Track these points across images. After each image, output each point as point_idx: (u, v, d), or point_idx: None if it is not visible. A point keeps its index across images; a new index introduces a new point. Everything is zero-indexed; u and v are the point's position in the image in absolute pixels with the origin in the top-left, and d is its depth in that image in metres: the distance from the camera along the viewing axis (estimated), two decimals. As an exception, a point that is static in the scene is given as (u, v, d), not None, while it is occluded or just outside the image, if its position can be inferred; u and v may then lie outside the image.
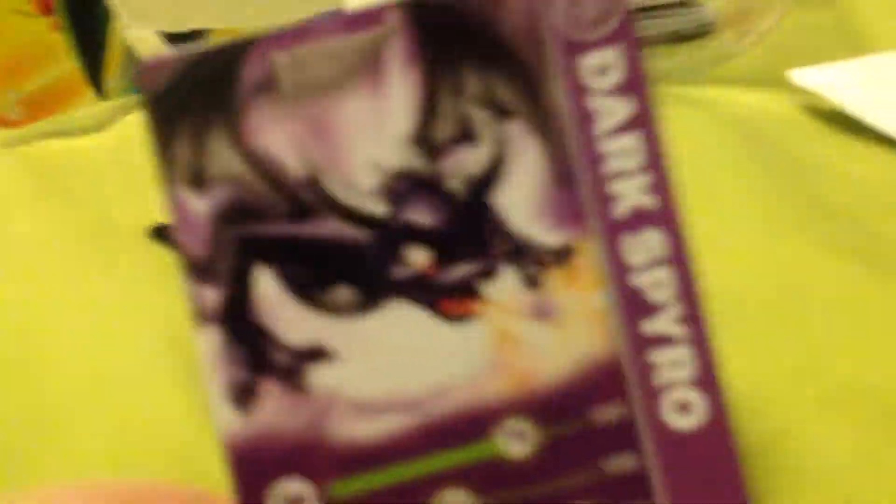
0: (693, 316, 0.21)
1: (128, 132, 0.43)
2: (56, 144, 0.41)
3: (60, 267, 0.35)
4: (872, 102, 0.36)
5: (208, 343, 0.21)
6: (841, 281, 0.29)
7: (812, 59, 0.41)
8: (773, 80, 0.39)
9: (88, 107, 0.44)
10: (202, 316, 0.21)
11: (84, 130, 0.42)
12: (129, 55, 0.43)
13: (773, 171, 0.33)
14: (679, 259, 0.21)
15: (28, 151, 0.41)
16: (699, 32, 0.40)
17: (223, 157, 0.21)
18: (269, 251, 0.21)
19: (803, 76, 0.40)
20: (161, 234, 0.37)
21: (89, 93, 0.47)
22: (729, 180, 0.34)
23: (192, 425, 0.30)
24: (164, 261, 0.35)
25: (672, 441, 0.21)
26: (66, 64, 0.45)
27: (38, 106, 0.47)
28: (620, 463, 0.21)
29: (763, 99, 0.39)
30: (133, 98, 0.44)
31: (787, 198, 0.32)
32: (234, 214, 0.21)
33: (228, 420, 0.21)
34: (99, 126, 0.43)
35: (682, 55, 0.40)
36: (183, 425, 0.30)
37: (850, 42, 0.42)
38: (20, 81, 0.45)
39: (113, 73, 0.43)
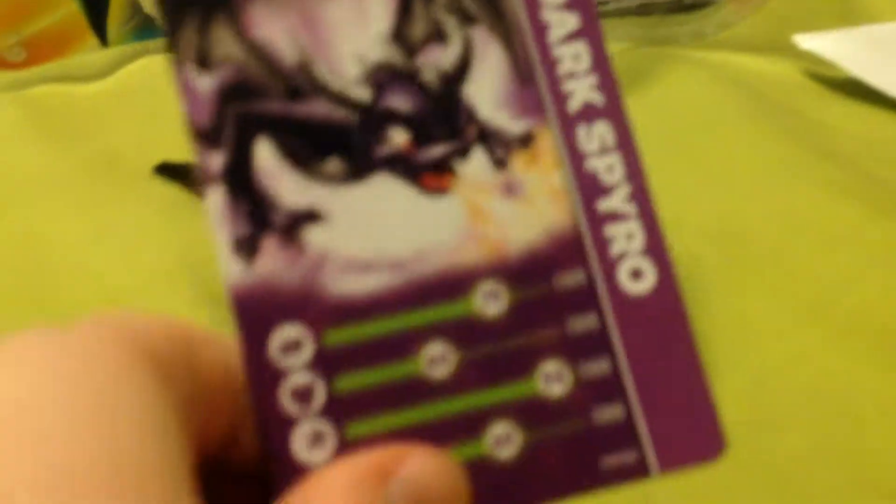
0: (640, 194, 0.24)
1: (130, 80, 0.43)
2: (59, 89, 0.41)
3: (71, 201, 0.35)
4: (874, 66, 0.39)
5: (214, 201, 0.23)
6: (845, 221, 0.32)
7: (812, 28, 0.43)
8: (776, 47, 0.42)
9: (91, 53, 0.44)
10: (209, 177, 0.23)
11: (87, 77, 0.43)
12: (134, 4, 0.45)
13: (778, 125, 0.36)
14: (625, 146, 0.24)
15: (31, 94, 0.41)
16: (704, 2, 0.43)
17: (226, 44, 0.23)
18: (267, 125, 0.23)
19: (806, 41, 0.42)
20: (166, 170, 0.38)
21: (91, 38, 0.47)
22: (735, 131, 0.36)
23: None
24: (171, 195, 0.35)
25: (627, 303, 0.24)
26: (69, 7, 0.46)
27: (40, 48, 0.48)
28: (583, 323, 0.24)
29: (766, 63, 0.41)
30: (136, 46, 0.45)
31: (791, 147, 0.35)
32: (236, 92, 0.23)
33: (233, 271, 0.22)
34: (101, 73, 0.43)
35: (688, 23, 0.43)
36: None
37: (850, 13, 0.46)
38: (22, 23, 0.46)
39: (116, 21, 0.45)
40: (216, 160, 0.23)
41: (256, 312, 0.22)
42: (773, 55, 0.43)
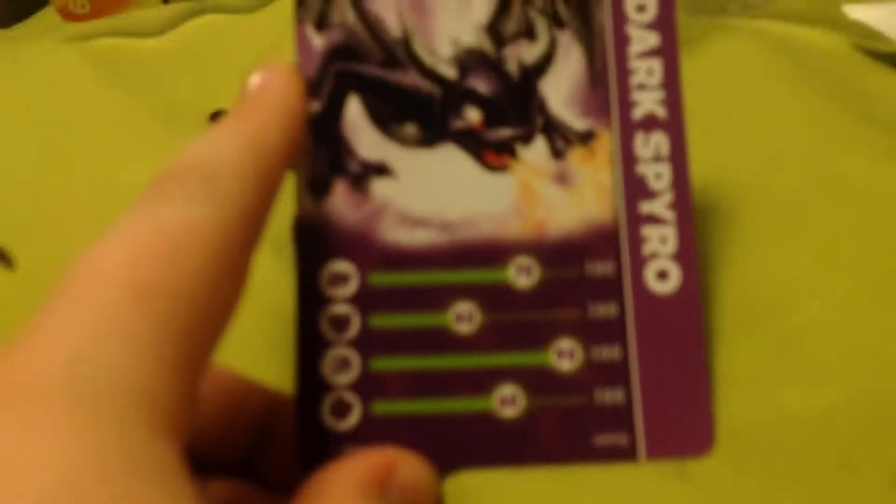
0: (681, 204, 0.26)
1: (189, 36, 0.45)
2: (120, 42, 0.44)
3: (134, 145, 0.38)
4: None
5: (304, 142, 0.26)
6: (887, 184, 0.32)
7: (858, 2, 0.43)
8: (824, 17, 0.41)
9: (151, 9, 0.47)
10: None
11: (147, 32, 0.45)
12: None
13: (823, 91, 0.36)
14: (678, 159, 0.27)
15: (95, 45, 0.44)
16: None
17: (343, 11, 0.27)
18: (361, 85, 0.26)
19: (856, 11, 0.42)
20: (221, 117, 0.40)
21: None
22: (779, 96, 0.36)
23: (281, 284, 0.29)
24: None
25: (649, 300, 0.26)
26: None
27: (103, 1, 0.51)
28: (604, 310, 0.26)
29: (813, 32, 0.41)
30: (193, 4, 0.47)
31: (835, 112, 0.35)
32: (342, 52, 0.26)
33: (304, 205, 0.26)
34: (161, 29, 0.46)
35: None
36: (270, 285, 0.30)
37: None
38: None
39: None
40: (312, 107, 0.26)
41: (316, 244, 0.26)
42: (820, 25, 0.43)
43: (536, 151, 0.26)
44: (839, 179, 0.33)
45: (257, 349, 0.30)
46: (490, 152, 0.26)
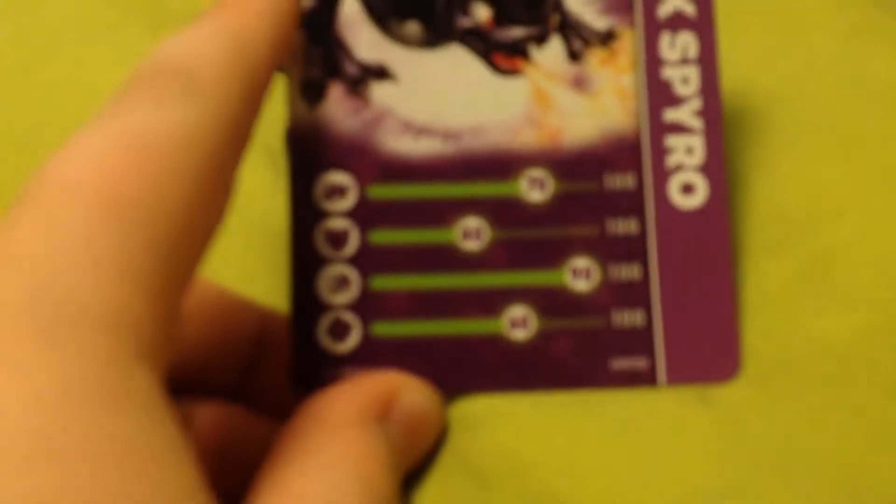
0: (710, 111, 0.24)
1: None
2: None
3: (112, 48, 0.36)
4: None
5: (296, 42, 0.24)
6: None
7: None
8: None
9: None
10: None
11: None
12: None
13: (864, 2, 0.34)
14: (706, 61, 0.24)
15: None
16: None
17: None
18: None
19: None
20: None
21: None
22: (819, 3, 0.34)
23: (274, 196, 0.29)
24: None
25: (672, 216, 0.24)
26: None
27: None
28: (623, 226, 0.24)
29: None
30: None
31: (870, 12, 0.33)
32: None
33: (297, 111, 0.24)
34: None
35: None
36: (262, 197, 0.30)
37: None
38: None
39: None
40: (304, 2, 0.24)
41: (310, 154, 0.24)
42: None
43: (551, 53, 0.24)
44: (872, 81, 0.31)
45: (248, 266, 0.28)
46: (500, 54, 0.24)
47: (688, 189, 0.24)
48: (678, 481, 0.23)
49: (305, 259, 0.23)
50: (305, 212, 0.24)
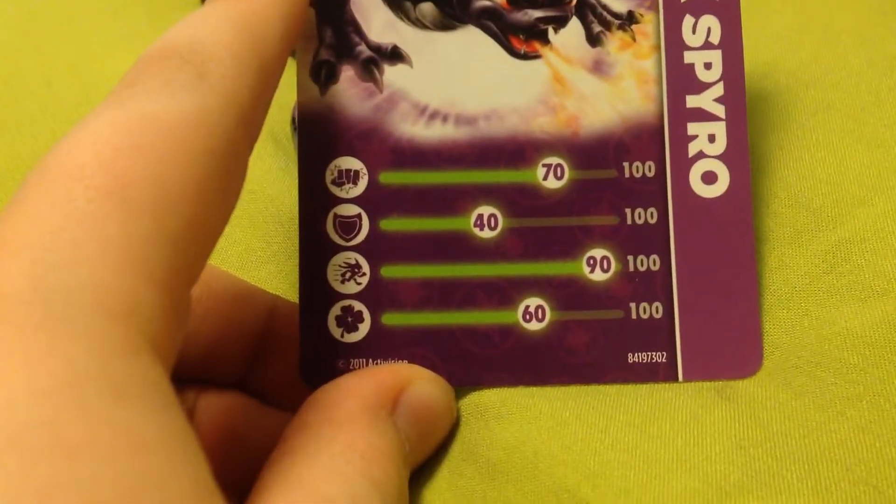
0: (733, 98, 0.23)
1: None
2: None
3: (115, 35, 0.36)
4: None
5: (307, 24, 0.23)
6: None
7: None
8: None
9: None
10: None
11: None
12: None
13: None
14: (731, 46, 0.24)
15: None
16: None
17: None
18: None
19: None
20: None
21: None
22: None
23: (283, 182, 0.28)
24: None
25: (693, 205, 0.23)
26: None
27: None
28: (643, 215, 0.23)
29: None
30: None
31: None
32: None
33: (307, 94, 0.23)
34: None
35: None
36: (271, 183, 0.29)
37: None
38: None
39: None
40: None
41: (321, 138, 0.23)
42: None
43: (570, 36, 0.23)
44: (894, 61, 0.30)
45: (257, 254, 0.27)
46: (517, 37, 0.23)
47: (709, 177, 0.23)
48: (697, 475, 0.22)
49: (315, 247, 0.23)
50: (315, 198, 0.23)
